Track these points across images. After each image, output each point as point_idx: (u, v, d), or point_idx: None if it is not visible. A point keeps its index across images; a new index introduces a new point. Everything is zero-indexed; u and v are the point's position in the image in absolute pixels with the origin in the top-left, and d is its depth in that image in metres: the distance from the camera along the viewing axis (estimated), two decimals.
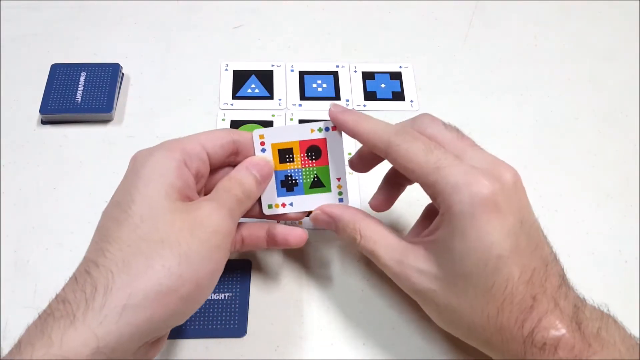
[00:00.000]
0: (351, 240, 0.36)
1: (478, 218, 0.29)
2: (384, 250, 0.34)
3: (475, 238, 0.29)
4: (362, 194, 0.46)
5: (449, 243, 0.30)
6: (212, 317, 0.39)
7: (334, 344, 0.39)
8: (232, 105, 0.51)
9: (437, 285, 0.31)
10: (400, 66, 0.54)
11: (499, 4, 0.59)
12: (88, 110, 0.49)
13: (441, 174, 0.31)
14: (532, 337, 0.29)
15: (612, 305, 0.41)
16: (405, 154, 0.32)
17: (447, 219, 0.31)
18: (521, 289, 0.29)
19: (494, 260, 0.29)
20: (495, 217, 0.29)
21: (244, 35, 0.56)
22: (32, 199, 0.45)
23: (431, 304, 0.32)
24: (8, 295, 0.40)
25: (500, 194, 0.30)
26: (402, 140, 0.32)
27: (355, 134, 0.34)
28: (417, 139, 0.32)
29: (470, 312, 0.30)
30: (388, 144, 0.33)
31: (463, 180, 0.30)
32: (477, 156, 0.32)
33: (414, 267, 0.32)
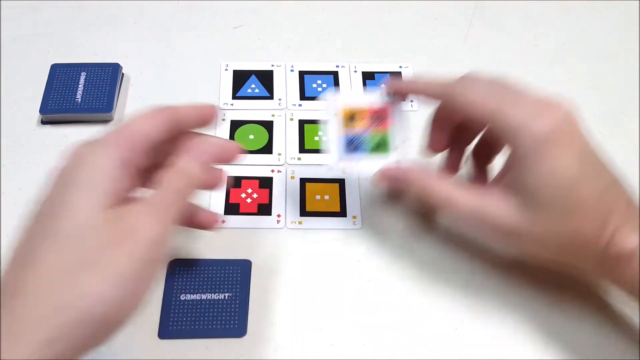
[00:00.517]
0: (422, 195, 0.37)
1: (545, 152, 0.32)
2: (459, 197, 0.35)
3: (546, 170, 0.32)
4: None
5: (522, 180, 0.33)
6: (212, 317, 0.39)
7: (334, 344, 0.39)
8: (232, 105, 0.51)
9: (518, 218, 0.33)
10: (400, 66, 0.54)
11: (499, 4, 0.59)
12: (88, 110, 0.49)
13: (503, 117, 0.33)
14: (608, 249, 0.32)
15: (612, 305, 0.41)
16: (466, 100, 0.34)
17: (517, 157, 0.33)
18: (594, 207, 0.32)
19: (567, 186, 0.32)
20: (560, 149, 0.32)
21: (244, 35, 0.56)
22: (32, 199, 0.45)
23: (514, 238, 0.35)
24: None
25: (560, 127, 0.32)
26: (462, 88, 0.35)
27: (417, 92, 0.38)
28: (476, 86, 0.35)
29: (551, 237, 0.33)
30: (451, 94, 0.36)
31: (524, 120, 0.32)
32: (531, 96, 0.34)
33: (493, 206, 0.34)
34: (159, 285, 0.41)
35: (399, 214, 0.45)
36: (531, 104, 0.33)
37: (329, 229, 0.44)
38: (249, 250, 0.42)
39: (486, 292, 0.41)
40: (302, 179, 0.46)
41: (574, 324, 0.40)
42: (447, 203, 0.36)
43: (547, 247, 0.34)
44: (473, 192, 0.35)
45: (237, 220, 0.44)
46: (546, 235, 0.33)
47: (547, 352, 0.39)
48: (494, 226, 0.35)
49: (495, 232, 0.35)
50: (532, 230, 0.33)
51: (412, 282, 0.41)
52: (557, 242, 0.34)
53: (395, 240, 0.43)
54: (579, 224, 0.33)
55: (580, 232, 0.33)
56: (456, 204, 0.35)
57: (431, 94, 0.37)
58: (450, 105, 0.36)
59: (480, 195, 0.35)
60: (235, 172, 0.46)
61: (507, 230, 0.34)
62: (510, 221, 0.34)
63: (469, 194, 0.35)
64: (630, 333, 0.39)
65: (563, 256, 0.35)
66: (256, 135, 0.49)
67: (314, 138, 0.49)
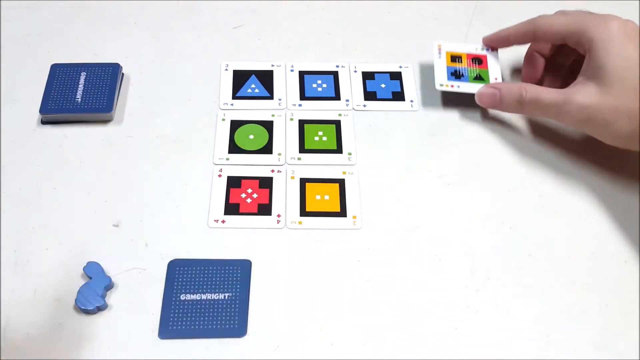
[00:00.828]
0: (518, 97, 0.46)
1: (617, 42, 0.42)
2: (548, 94, 0.44)
3: (619, 55, 0.42)
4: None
5: (600, 66, 0.42)
6: (212, 317, 0.39)
7: (334, 344, 0.39)
8: (232, 105, 0.51)
9: (597, 97, 0.42)
10: (400, 66, 0.54)
11: (499, 4, 0.59)
12: (88, 110, 0.49)
13: (582, 26, 0.44)
14: None
15: (612, 305, 0.41)
16: (550, 22, 0.46)
17: (594, 53, 0.43)
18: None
19: (634, 66, 0.41)
20: (628, 40, 0.42)
21: (244, 35, 0.56)
22: (32, 199, 0.45)
23: (593, 118, 0.42)
24: (8, 295, 0.40)
25: (627, 26, 0.43)
26: (542, 18, 0.47)
27: (509, 42, 0.50)
28: (553, 15, 0.47)
29: (623, 111, 0.41)
30: (534, 24, 0.47)
31: (599, 24, 0.43)
32: (594, 13, 0.45)
33: (577, 92, 0.43)
34: (159, 285, 0.41)
35: (399, 214, 0.45)
36: (599, 16, 0.44)
37: (329, 229, 0.44)
38: (249, 250, 0.42)
39: (486, 292, 0.41)
40: (302, 179, 0.46)
41: (574, 323, 0.40)
42: (537, 103, 0.45)
43: (621, 124, 0.41)
44: (558, 91, 0.44)
45: (237, 220, 0.44)
46: (620, 109, 0.41)
47: (547, 352, 0.39)
48: (578, 107, 0.42)
49: (579, 114, 0.43)
50: (609, 104, 0.41)
51: (412, 282, 0.41)
52: (628, 115, 0.41)
53: (395, 240, 0.43)
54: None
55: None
56: (543, 101, 0.45)
57: (521, 36, 0.49)
58: (539, 33, 0.47)
59: (564, 91, 0.44)
60: (235, 172, 0.46)
61: (588, 111, 0.42)
62: (591, 100, 0.42)
63: (555, 92, 0.44)
64: None
65: (633, 133, 0.41)
66: (256, 135, 0.49)
67: (314, 138, 0.49)
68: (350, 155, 0.48)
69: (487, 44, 0.52)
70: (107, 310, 0.40)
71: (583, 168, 0.47)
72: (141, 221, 0.44)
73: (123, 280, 0.41)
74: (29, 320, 0.39)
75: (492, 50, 0.52)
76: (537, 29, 0.47)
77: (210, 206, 0.45)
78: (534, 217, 0.45)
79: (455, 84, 0.50)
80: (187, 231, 0.43)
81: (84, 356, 0.38)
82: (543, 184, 0.46)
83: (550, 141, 0.49)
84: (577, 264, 0.43)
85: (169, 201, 0.45)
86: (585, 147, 0.48)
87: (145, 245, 0.43)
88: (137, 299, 0.40)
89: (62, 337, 0.39)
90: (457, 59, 0.51)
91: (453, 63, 0.51)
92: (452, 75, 0.51)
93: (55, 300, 0.40)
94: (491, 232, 0.44)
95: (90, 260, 0.41)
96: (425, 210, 0.45)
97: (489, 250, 0.43)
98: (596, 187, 0.46)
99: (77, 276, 0.41)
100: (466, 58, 0.52)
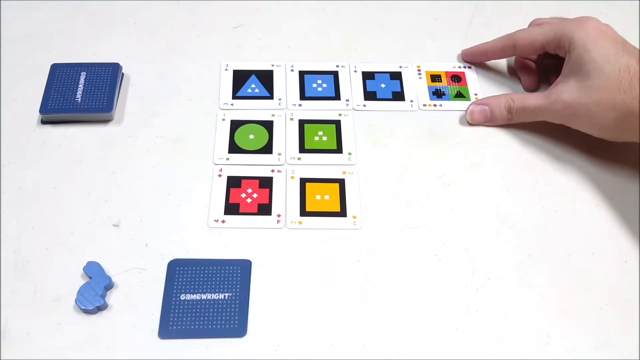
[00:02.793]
0: (507, 109, 0.48)
1: (594, 40, 0.44)
2: (533, 100, 0.47)
3: (597, 51, 0.44)
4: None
5: (579, 63, 0.44)
6: (212, 317, 0.39)
7: (333, 344, 0.39)
8: (232, 105, 0.51)
9: (578, 93, 0.44)
10: (400, 66, 0.54)
11: (499, 4, 0.59)
12: (88, 110, 0.49)
13: (560, 30, 0.46)
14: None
15: (612, 305, 0.41)
16: (528, 34, 0.49)
17: (573, 52, 0.45)
18: (627, 73, 0.42)
19: (613, 58, 0.43)
20: (604, 38, 0.44)
21: (244, 35, 0.56)
22: (32, 199, 0.45)
23: (581, 115, 0.44)
24: (8, 295, 0.40)
25: (600, 26, 0.46)
26: (520, 32, 0.50)
27: (487, 56, 0.53)
28: (528, 28, 0.51)
29: (604, 103, 0.43)
30: (513, 39, 0.50)
31: (575, 25, 0.46)
32: (568, 18, 0.48)
33: (561, 93, 0.45)
34: (159, 285, 0.41)
35: (399, 214, 0.45)
36: (575, 19, 0.47)
37: (329, 229, 0.44)
38: (249, 250, 0.42)
39: (486, 292, 0.41)
40: (302, 179, 0.46)
41: (574, 323, 0.40)
42: (525, 109, 0.47)
43: (605, 115, 0.43)
44: (542, 93, 0.47)
45: (237, 220, 0.44)
46: (603, 101, 0.43)
47: (547, 352, 0.39)
48: (562, 103, 0.45)
49: (565, 110, 0.45)
50: (592, 97, 0.43)
51: (412, 282, 0.41)
52: (612, 105, 0.42)
53: (395, 240, 0.43)
54: (625, 85, 0.42)
55: (626, 93, 0.42)
56: (529, 107, 0.47)
57: (499, 50, 0.51)
58: (519, 46, 0.49)
59: (548, 92, 0.46)
60: (235, 172, 0.46)
61: (573, 106, 0.44)
62: (575, 96, 0.44)
63: (540, 95, 0.47)
64: None
65: (617, 123, 0.43)
66: (256, 135, 0.49)
67: (314, 138, 0.49)
68: (350, 155, 0.48)
69: (466, 58, 0.54)
70: (107, 310, 0.40)
71: (583, 168, 0.47)
72: (141, 221, 0.44)
73: (123, 280, 0.41)
74: (29, 320, 0.39)
75: (468, 67, 0.54)
76: (517, 42, 0.49)
77: (210, 206, 0.45)
78: (534, 217, 0.45)
79: (437, 103, 0.51)
80: (187, 231, 0.43)
81: (84, 356, 0.38)
82: (543, 184, 0.46)
83: (550, 141, 0.49)
84: (577, 264, 0.43)
85: (169, 201, 0.45)
86: (585, 147, 0.48)
87: (145, 245, 0.43)
88: (137, 299, 0.40)
89: (62, 337, 0.39)
90: (437, 78, 0.53)
91: (433, 82, 0.53)
92: (434, 94, 0.52)
93: (55, 300, 0.40)
94: (491, 232, 0.44)
95: (90, 260, 0.41)
96: (425, 210, 0.45)
97: (489, 250, 0.43)
98: (596, 187, 0.46)
99: (77, 276, 0.41)
100: (445, 77, 0.53)
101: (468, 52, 0.54)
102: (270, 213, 0.44)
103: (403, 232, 0.44)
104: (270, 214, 0.44)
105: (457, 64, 0.54)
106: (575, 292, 0.41)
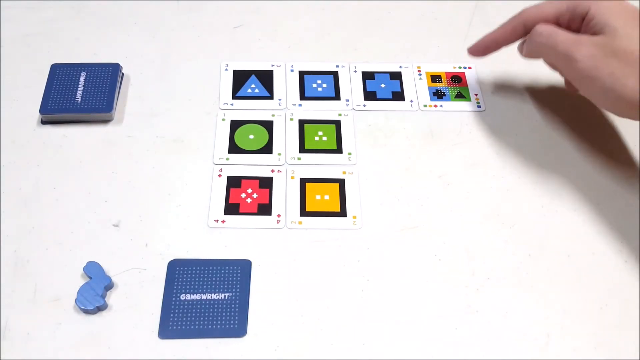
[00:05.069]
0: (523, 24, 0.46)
1: (615, 9, 0.42)
2: (564, 33, 0.44)
3: (620, 14, 0.41)
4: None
5: (604, 26, 0.41)
6: (212, 317, 0.39)
7: (333, 344, 0.39)
8: (232, 105, 0.51)
9: (602, 51, 0.41)
10: (400, 66, 0.54)
11: (499, 4, 0.59)
12: (88, 110, 0.49)
13: (572, 2, 0.44)
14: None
15: (612, 305, 0.41)
16: (538, 9, 0.45)
17: (596, 13, 0.42)
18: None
19: (636, 22, 0.41)
20: (623, 8, 0.42)
21: (244, 35, 0.56)
22: (32, 199, 0.45)
23: (603, 74, 0.41)
24: (8, 295, 0.40)
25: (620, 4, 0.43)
26: (528, 9, 0.46)
27: (494, 42, 0.48)
28: (537, 4, 0.46)
29: (635, 68, 0.40)
30: (522, 17, 0.46)
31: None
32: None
33: (587, 39, 0.42)
34: (159, 285, 0.41)
35: (399, 214, 0.45)
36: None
37: (329, 229, 0.44)
38: (249, 250, 0.42)
39: (486, 292, 0.41)
40: (302, 179, 0.46)
41: (574, 323, 0.40)
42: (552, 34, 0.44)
43: (628, 80, 0.40)
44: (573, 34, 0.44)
45: (237, 220, 0.44)
46: (629, 59, 0.40)
47: (547, 352, 0.39)
48: (588, 55, 0.41)
49: (589, 61, 0.41)
50: (616, 53, 0.40)
51: (412, 282, 0.41)
52: (636, 67, 0.40)
53: (395, 240, 0.43)
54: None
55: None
56: (562, 35, 0.44)
57: (509, 34, 0.47)
58: (530, 23, 0.45)
59: (576, 35, 0.43)
60: (235, 172, 0.46)
61: (596, 59, 0.41)
62: (599, 49, 0.41)
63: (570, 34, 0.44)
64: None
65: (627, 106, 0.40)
66: (256, 135, 0.49)
67: (314, 138, 0.49)
68: (350, 155, 0.48)
69: (476, 54, 0.50)
70: (107, 310, 0.40)
71: (583, 168, 0.47)
72: (141, 221, 0.44)
73: (123, 280, 0.41)
74: (29, 320, 0.39)
75: (468, 68, 0.54)
76: (527, 20, 0.46)
77: (210, 206, 0.45)
78: (534, 217, 0.45)
79: (438, 103, 0.51)
80: (187, 231, 0.43)
81: (84, 356, 0.38)
82: (543, 184, 0.46)
83: (550, 141, 0.49)
84: (577, 264, 0.43)
85: (169, 201, 0.45)
86: (585, 147, 0.48)
87: (145, 245, 0.43)
88: (137, 299, 0.40)
89: (62, 337, 0.39)
90: (437, 79, 0.53)
91: (434, 83, 0.53)
92: (435, 95, 0.52)
93: (55, 300, 0.40)
94: (491, 232, 0.44)
95: (90, 260, 0.41)
96: (425, 210, 0.45)
97: (489, 250, 0.43)
98: (596, 187, 0.46)
99: (77, 276, 0.41)
100: (445, 77, 0.53)
101: (477, 46, 0.49)
102: (270, 213, 0.44)
103: (403, 232, 0.44)
104: (270, 214, 0.44)
105: (457, 65, 0.54)
106: (575, 292, 0.41)
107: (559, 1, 0.45)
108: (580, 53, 0.42)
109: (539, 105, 0.51)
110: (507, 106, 0.52)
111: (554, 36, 0.43)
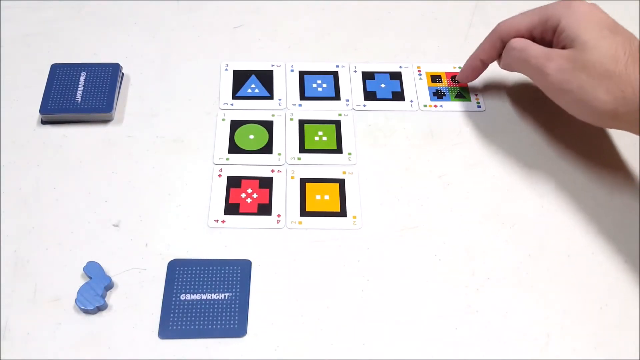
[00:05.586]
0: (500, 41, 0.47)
1: (585, 21, 0.42)
2: (536, 47, 0.45)
3: (588, 32, 0.41)
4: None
5: (574, 39, 0.42)
6: (212, 317, 0.39)
7: (333, 344, 0.39)
8: (232, 105, 0.51)
9: (575, 65, 0.41)
10: (400, 66, 0.54)
11: (499, 4, 0.59)
12: (88, 110, 0.49)
13: (547, 12, 0.44)
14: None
15: (612, 305, 0.41)
16: (511, 23, 0.46)
17: (566, 27, 0.43)
18: (623, 52, 0.40)
19: (607, 36, 0.41)
20: (593, 18, 0.42)
21: (244, 35, 0.56)
22: (32, 199, 0.45)
23: (573, 86, 0.41)
24: (8, 295, 0.40)
25: (589, 7, 0.43)
26: (502, 23, 0.47)
27: (481, 63, 0.49)
28: (510, 18, 0.47)
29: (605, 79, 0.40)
30: (497, 32, 0.47)
31: (562, 8, 0.44)
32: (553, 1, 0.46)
33: (557, 53, 0.43)
34: (159, 285, 0.41)
35: (399, 214, 0.45)
36: (559, 2, 0.45)
37: (329, 229, 0.44)
38: (249, 250, 0.42)
39: (486, 292, 0.41)
40: (302, 179, 0.46)
41: (574, 323, 0.40)
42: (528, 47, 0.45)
43: (598, 91, 0.40)
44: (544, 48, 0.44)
45: (237, 220, 0.44)
46: (598, 71, 0.40)
47: (547, 352, 0.39)
48: (558, 69, 0.42)
49: (559, 74, 0.42)
50: (585, 73, 0.41)
51: (412, 282, 0.41)
52: (606, 77, 0.40)
53: (395, 240, 0.43)
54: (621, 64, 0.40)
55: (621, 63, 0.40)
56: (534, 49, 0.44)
57: (489, 50, 0.48)
58: (505, 37, 0.46)
59: (548, 49, 0.44)
60: (235, 172, 0.46)
61: (566, 73, 0.42)
62: (569, 63, 0.42)
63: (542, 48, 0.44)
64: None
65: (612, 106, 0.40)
66: (256, 135, 0.49)
67: (314, 138, 0.49)
68: (350, 155, 0.48)
69: (465, 80, 0.52)
70: (107, 310, 0.40)
71: (583, 168, 0.47)
72: (141, 221, 0.44)
73: (123, 280, 0.41)
74: (29, 320, 0.39)
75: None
76: (502, 34, 0.47)
77: (210, 206, 0.45)
78: (534, 217, 0.45)
79: (438, 103, 0.51)
80: (187, 231, 0.43)
81: (84, 356, 0.38)
82: (543, 184, 0.46)
83: (550, 141, 0.49)
84: (577, 264, 0.43)
85: (169, 201, 0.45)
86: (585, 147, 0.48)
87: (145, 245, 0.43)
88: (137, 299, 0.40)
89: (62, 337, 0.39)
90: (437, 79, 0.53)
91: (434, 83, 0.53)
92: (435, 95, 0.52)
93: (55, 300, 0.40)
94: (491, 232, 0.44)
95: (90, 260, 0.41)
96: (425, 210, 0.45)
97: (489, 250, 0.43)
98: (596, 187, 0.46)
99: (77, 276, 0.41)
100: (445, 77, 0.53)
101: (464, 72, 0.51)
102: (270, 213, 0.44)
103: (403, 232, 0.44)
104: (270, 214, 0.44)
105: (457, 65, 0.54)
106: (575, 292, 0.41)
107: (532, 14, 0.45)
108: (551, 67, 0.42)
109: (539, 105, 0.51)
110: (507, 106, 0.52)
111: (526, 50, 0.44)
